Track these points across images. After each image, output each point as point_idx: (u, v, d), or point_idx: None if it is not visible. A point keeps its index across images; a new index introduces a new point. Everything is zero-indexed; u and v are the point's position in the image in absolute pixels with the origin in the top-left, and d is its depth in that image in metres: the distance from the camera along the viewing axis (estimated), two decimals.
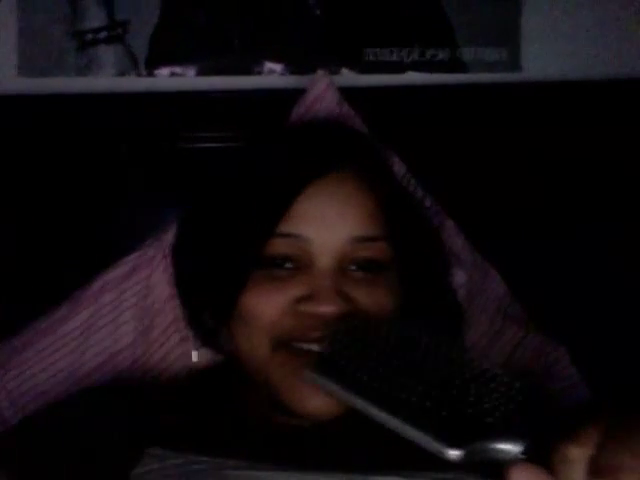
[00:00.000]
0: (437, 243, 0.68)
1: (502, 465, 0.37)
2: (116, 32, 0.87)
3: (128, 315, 0.71)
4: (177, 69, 0.87)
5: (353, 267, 0.56)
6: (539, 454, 0.37)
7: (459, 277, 0.74)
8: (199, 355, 0.67)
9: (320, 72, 0.81)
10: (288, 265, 0.55)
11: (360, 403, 0.42)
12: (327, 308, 0.52)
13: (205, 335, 0.64)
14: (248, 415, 0.57)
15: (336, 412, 0.52)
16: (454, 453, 0.38)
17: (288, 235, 0.54)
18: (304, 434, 0.54)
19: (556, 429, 0.37)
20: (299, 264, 0.55)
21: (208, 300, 0.60)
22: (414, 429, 0.39)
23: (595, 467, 0.34)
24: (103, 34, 0.86)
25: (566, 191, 0.85)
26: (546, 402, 0.41)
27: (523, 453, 0.38)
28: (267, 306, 0.54)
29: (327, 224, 0.54)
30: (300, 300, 0.54)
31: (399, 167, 0.78)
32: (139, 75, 0.86)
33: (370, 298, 0.55)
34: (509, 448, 0.38)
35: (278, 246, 0.55)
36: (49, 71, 0.85)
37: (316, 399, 0.52)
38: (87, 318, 0.71)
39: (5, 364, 0.69)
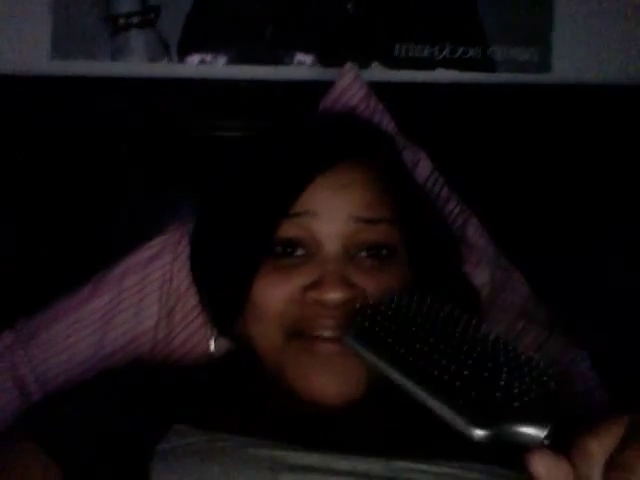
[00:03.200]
0: (446, 230, 0.68)
1: (524, 449, 0.37)
2: (148, 17, 0.87)
3: (152, 298, 0.71)
4: (207, 57, 0.88)
5: (362, 253, 0.56)
6: (561, 442, 0.37)
7: (482, 276, 0.74)
8: (218, 343, 0.67)
9: (348, 65, 0.81)
10: (298, 252, 0.56)
11: (393, 374, 0.43)
12: (333, 295, 0.53)
13: (221, 324, 0.64)
14: (265, 400, 0.57)
15: (351, 398, 0.53)
16: (479, 432, 0.39)
17: (296, 214, 0.55)
18: (322, 419, 0.54)
19: (580, 420, 0.37)
20: (308, 250, 0.56)
21: (222, 288, 0.60)
22: (442, 404, 0.40)
23: (613, 464, 0.34)
24: (135, 19, 0.87)
25: (594, 194, 0.84)
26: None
27: (546, 438, 0.38)
28: (275, 295, 0.55)
29: (332, 204, 0.56)
30: (307, 288, 0.54)
31: (426, 164, 0.78)
32: (170, 61, 0.87)
33: (377, 284, 0.55)
34: (533, 432, 0.38)
35: (287, 229, 0.55)
36: (81, 54, 0.86)
37: (331, 385, 0.53)
38: (110, 300, 0.71)
39: (30, 339, 0.70)
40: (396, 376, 0.43)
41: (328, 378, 0.53)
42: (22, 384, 0.68)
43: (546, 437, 0.38)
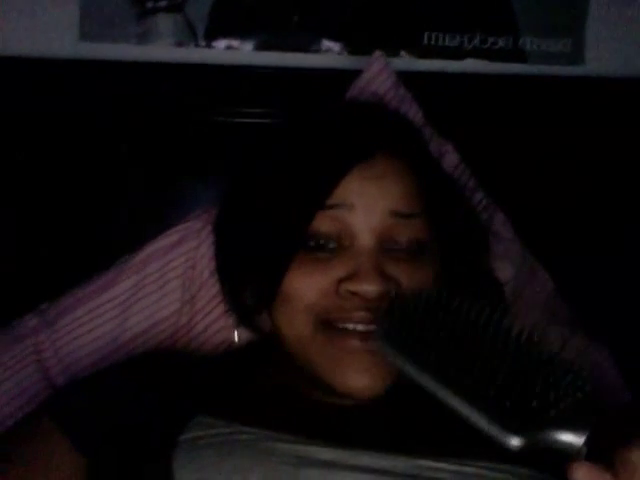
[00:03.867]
0: (476, 224, 0.67)
1: (562, 456, 0.37)
2: (176, 1, 0.87)
3: (174, 284, 0.72)
4: (234, 42, 0.87)
5: (395, 246, 0.56)
6: (600, 447, 0.36)
7: (507, 271, 0.73)
8: (240, 330, 0.67)
9: (377, 53, 0.80)
10: (331, 245, 0.55)
11: (427, 382, 0.43)
12: (368, 287, 0.52)
13: (243, 314, 0.64)
14: (287, 393, 0.57)
15: (379, 392, 0.53)
16: (515, 441, 0.38)
17: (331, 206, 0.55)
18: (345, 413, 0.54)
19: (618, 423, 0.36)
20: (341, 243, 0.55)
21: (250, 279, 0.60)
22: (478, 414, 0.40)
23: None
24: (164, 3, 0.86)
25: (624, 191, 0.83)
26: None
27: (584, 445, 0.37)
28: (309, 287, 0.54)
29: (369, 198, 0.55)
30: (342, 281, 0.54)
31: (453, 156, 0.77)
32: (197, 46, 0.86)
33: (411, 277, 0.55)
34: (571, 439, 0.38)
35: (322, 221, 0.55)
36: (109, 37, 0.86)
37: (359, 378, 0.52)
38: (132, 285, 0.72)
39: (53, 323, 0.70)
40: (429, 383, 0.42)
41: (357, 372, 0.52)
42: (46, 366, 0.69)
43: (585, 443, 0.37)
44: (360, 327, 0.53)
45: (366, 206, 0.55)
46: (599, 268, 0.82)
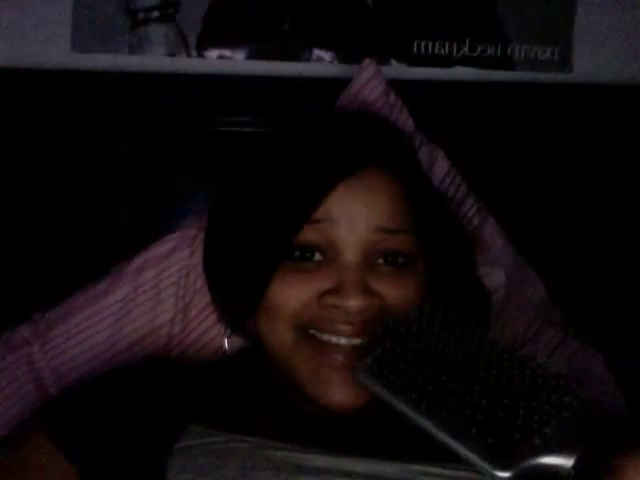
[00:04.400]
0: (464, 238, 0.68)
1: (553, 478, 0.37)
2: (167, 11, 0.87)
3: (168, 292, 0.71)
4: (226, 52, 0.87)
5: (380, 261, 0.56)
6: (590, 467, 0.36)
7: (499, 277, 0.73)
8: (232, 340, 0.67)
9: (367, 60, 0.80)
10: (316, 257, 0.55)
11: (414, 416, 0.43)
12: (352, 302, 0.52)
13: (233, 322, 0.64)
14: (279, 400, 0.57)
15: (360, 405, 0.53)
16: (504, 475, 0.38)
17: (317, 220, 0.55)
18: (339, 420, 0.54)
19: (605, 440, 0.36)
20: (326, 256, 0.55)
21: (236, 287, 0.60)
22: (464, 448, 0.40)
23: None
24: (155, 13, 0.87)
25: (612, 194, 0.84)
26: (594, 412, 0.41)
27: (574, 467, 0.37)
28: (291, 298, 0.55)
29: (355, 213, 0.55)
30: (325, 293, 0.54)
31: (443, 163, 0.78)
32: (189, 56, 0.87)
33: (396, 292, 0.55)
34: (559, 462, 0.38)
35: (307, 234, 0.55)
36: (101, 48, 0.86)
37: (340, 393, 0.52)
38: (127, 293, 0.72)
39: (46, 333, 0.70)
40: (415, 418, 0.43)
41: (339, 387, 0.52)
42: (38, 377, 0.69)
43: (574, 465, 0.37)
44: (343, 340, 0.53)
45: (352, 222, 0.55)
46: (591, 271, 0.83)
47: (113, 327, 0.71)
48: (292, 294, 0.54)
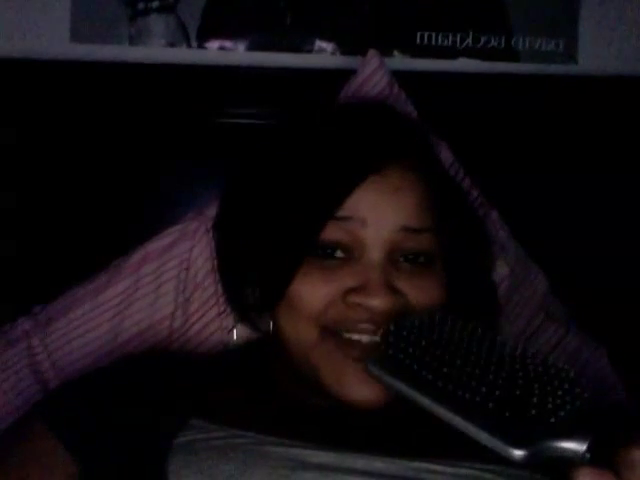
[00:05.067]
0: (484, 238, 0.67)
1: (566, 464, 0.37)
2: (168, 2, 0.86)
3: (169, 286, 0.71)
4: (227, 43, 0.87)
5: (403, 260, 0.55)
6: (603, 452, 0.36)
7: (502, 270, 0.73)
8: (237, 332, 0.67)
9: (371, 52, 0.79)
10: (339, 254, 0.55)
11: (425, 401, 0.43)
12: (377, 301, 0.52)
13: (244, 312, 0.63)
14: (284, 395, 0.57)
15: (379, 404, 0.52)
16: (518, 453, 0.38)
17: (343, 218, 0.54)
18: (341, 416, 0.54)
19: (619, 427, 0.36)
20: (350, 254, 0.55)
21: (254, 281, 0.60)
22: (478, 429, 0.40)
23: None
24: (155, 3, 0.86)
25: (616, 186, 0.83)
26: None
27: (587, 451, 0.37)
28: (316, 295, 0.54)
29: (381, 212, 0.54)
30: (349, 292, 0.53)
31: (447, 155, 0.77)
32: (189, 47, 0.86)
33: (419, 291, 0.54)
34: (573, 447, 0.38)
35: (332, 231, 0.54)
36: (101, 38, 0.85)
37: (363, 389, 0.52)
38: (127, 287, 0.71)
39: (47, 326, 0.70)
40: (427, 403, 0.42)
41: (359, 384, 0.52)
42: (39, 370, 0.69)
43: (587, 450, 0.37)
44: (365, 338, 0.53)
45: (378, 221, 0.54)
46: (594, 264, 0.82)
47: (113, 321, 0.70)
48: (316, 291, 0.54)
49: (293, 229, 0.55)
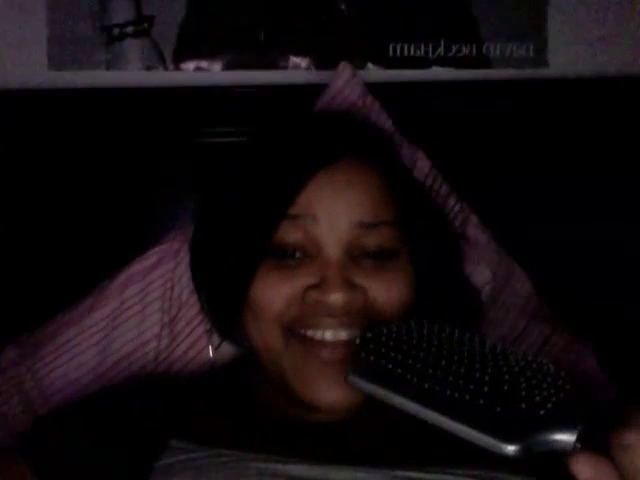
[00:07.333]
0: (448, 230, 0.68)
1: (559, 455, 0.37)
2: (142, 27, 0.87)
3: (154, 307, 0.71)
4: (203, 63, 0.88)
5: (362, 255, 0.55)
6: (593, 441, 0.37)
7: (484, 275, 0.73)
8: (223, 349, 0.67)
9: (342, 64, 0.80)
10: (297, 254, 0.55)
11: (413, 406, 0.42)
12: (335, 296, 0.52)
13: (224, 329, 0.64)
14: (267, 410, 0.57)
15: (352, 406, 0.52)
16: (511, 448, 0.38)
17: (296, 217, 0.54)
18: (325, 428, 0.54)
19: (605, 414, 0.37)
20: (307, 253, 0.55)
21: (221, 291, 0.60)
22: (469, 428, 0.40)
23: None
24: (130, 28, 0.87)
25: (592, 187, 0.84)
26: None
27: (578, 441, 0.38)
28: (275, 295, 0.54)
29: (334, 208, 0.54)
30: (309, 289, 0.54)
31: (424, 163, 0.78)
32: (166, 69, 0.87)
33: (380, 285, 0.54)
34: (564, 438, 0.38)
35: (288, 231, 0.55)
36: (78, 65, 0.86)
37: (331, 393, 0.52)
38: (113, 310, 0.71)
39: (34, 353, 0.70)
40: (415, 408, 0.42)
41: (329, 384, 0.52)
42: (26, 398, 0.69)
43: (577, 440, 0.38)
44: (328, 335, 0.53)
45: (331, 217, 0.54)
46: (578, 263, 0.83)
47: (101, 344, 0.70)
48: (275, 291, 0.54)
49: (249, 231, 0.56)
